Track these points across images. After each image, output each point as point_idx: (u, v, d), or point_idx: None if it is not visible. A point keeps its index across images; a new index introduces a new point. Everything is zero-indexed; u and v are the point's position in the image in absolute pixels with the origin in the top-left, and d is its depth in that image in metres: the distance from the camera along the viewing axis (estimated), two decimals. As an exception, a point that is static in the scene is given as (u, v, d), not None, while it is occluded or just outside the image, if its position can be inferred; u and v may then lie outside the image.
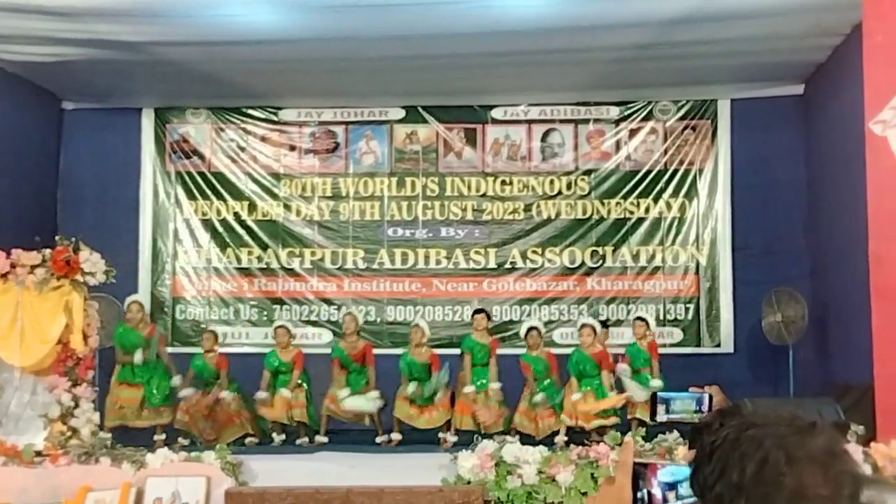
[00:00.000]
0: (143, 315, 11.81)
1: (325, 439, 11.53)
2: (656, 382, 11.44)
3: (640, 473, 2.05)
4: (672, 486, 2.09)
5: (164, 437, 11.28)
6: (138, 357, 11.33)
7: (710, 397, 4.78)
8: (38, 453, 8.67)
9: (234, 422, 11.84)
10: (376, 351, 12.22)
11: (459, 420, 11.56)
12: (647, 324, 12.20)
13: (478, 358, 11.80)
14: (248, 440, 11.72)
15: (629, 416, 11.36)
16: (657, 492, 2.07)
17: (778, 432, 1.71)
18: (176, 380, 11.68)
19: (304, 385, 11.91)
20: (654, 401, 4.97)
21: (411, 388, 11.54)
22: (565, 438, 10.89)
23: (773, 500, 1.65)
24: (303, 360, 12.01)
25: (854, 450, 7.87)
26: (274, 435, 11.72)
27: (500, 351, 12.00)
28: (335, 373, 11.88)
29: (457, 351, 12.18)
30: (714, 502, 1.73)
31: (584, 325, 11.93)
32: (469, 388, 11.48)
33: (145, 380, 11.49)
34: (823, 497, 1.65)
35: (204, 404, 11.71)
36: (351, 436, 11.70)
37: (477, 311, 12.40)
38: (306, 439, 11.63)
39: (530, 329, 12.04)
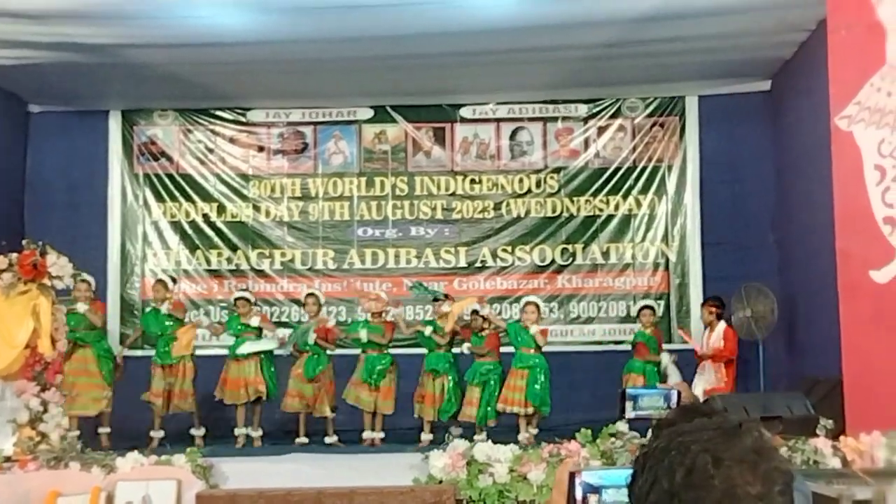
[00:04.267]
0: (91, 294, 11.91)
1: (306, 440, 11.68)
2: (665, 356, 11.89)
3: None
4: (596, 489, 2.10)
5: (161, 434, 11.38)
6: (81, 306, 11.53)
7: (679, 393, 4.82)
8: (7, 459, 8.60)
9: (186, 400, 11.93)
10: (347, 351, 12.32)
11: (419, 409, 11.83)
12: (654, 311, 12.59)
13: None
14: (194, 431, 11.79)
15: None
16: (578, 493, 2.09)
17: (704, 437, 1.71)
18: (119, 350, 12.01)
19: (267, 360, 12.01)
20: (622, 398, 5.00)
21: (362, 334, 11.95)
22: (535, 431, 11.00)
23: (705, 502, 1.65)
24: (271, 322, 12.23)
25: (823, 444, 7.91)
26: (239, 431, 11.81)
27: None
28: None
29: (426, 351, 12.24)
30: None
31: (528, 303, 12.12)
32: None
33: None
34: (754, 495, 1.65)
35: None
36: (321, 437, 11.78)
37: (436, 299, 12.48)
38: (260, 432, 11.69)
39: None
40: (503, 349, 12.13)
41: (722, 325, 11.61)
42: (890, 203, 8.29)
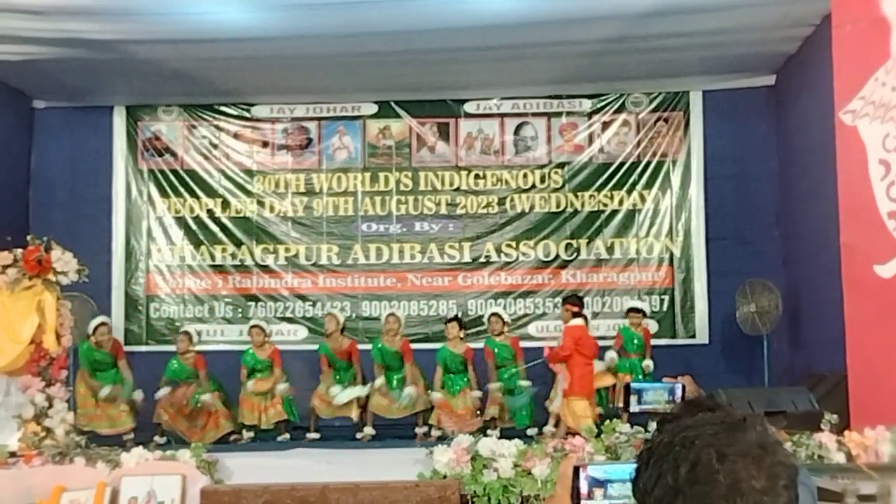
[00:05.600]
0: (111, 337, 11.94)
1: (317, 435, 11.70)
2: (648, 362, 11.74)
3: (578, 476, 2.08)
4: (601, 482, 2.09)
5: (132, 436, 11.30)
6: (105, 392, 11.49)
7: (683, 387, 4.80)
8: (12, 454, 8.61)
9: (216, 423, 11.89)
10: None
11: (436, 417, 11.79)
12: (644, 313, 12.58)
13: (453, 366, 11.93)
14: (233, 437, 11.77)
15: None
16: (583, 487, 2.08)
17: (708, 431, 1.70)
18: (138, 393, 11.81)
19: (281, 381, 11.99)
20: (626, 391, 4.99)
21: (379, 381, 11.80)
22: (553, 429, 11.06)
23: (710, 497, 1.64)
24: (280, 358, 12.12)
25: (828, 438, 7.91)
26: (244, 431, 11.82)
27: (476, 345, 12.18)
28: (323, 370, 12.08)
29: (431, 346, 12.31)
30: None
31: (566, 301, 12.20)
32: (436, 395, 11.70)
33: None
34: (759, 490, 1.64)
35: (182, 400, 11.79)
36: (325, 432, 11.79)
37: (449, 320, 12.40)
38: (287, 436, 11.68)
39: (492, 315, 12.38)
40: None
41: (570, 324, 11.34)
42: (894, 198, 8.29)
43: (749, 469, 1.65)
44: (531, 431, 11.28)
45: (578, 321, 11.13)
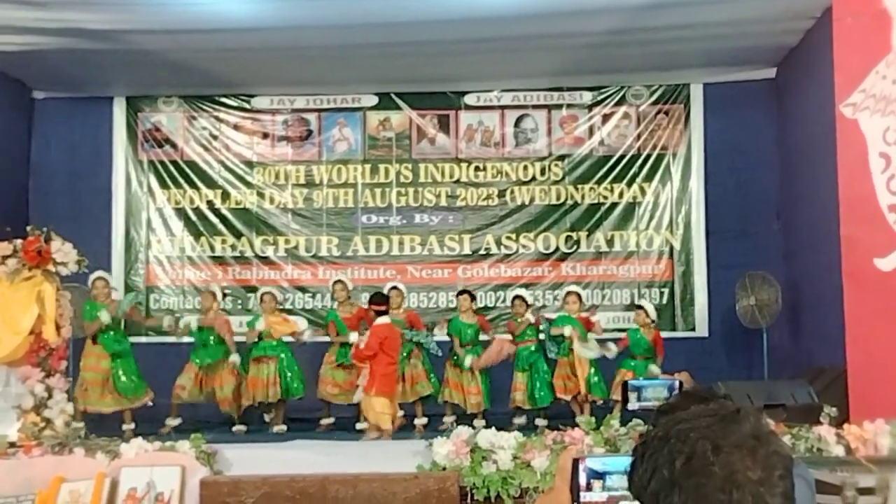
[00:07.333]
0: (109, 290, 11.81)
1: (332, 419, 11.98)
2: (654, 367, 11.66)
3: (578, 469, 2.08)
4: (600, 474, 2.10)
5: (133, 426, 11.26)
6: (105, 316, 11.41)
7: (681, 384, 4.81)
8: (12, 444, 8.61)
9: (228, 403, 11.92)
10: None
11: (449, 394, 12.03)
12: (647, 312, 12.25)
13: (467, 338, 12.02)
14: (235, 428, 11.76)
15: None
16: (582, 478, 2.09)
17: (702, 424, 1.70)
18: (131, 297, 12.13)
19: (288, 359, 12.08)
20: (625, 389, 5.00)
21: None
22: (523, 421, 11.12)
23: (706, 489, 1.64)
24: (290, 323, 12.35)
25: (827, 431, 7.91)
26: (240, 426, 11.85)
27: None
28: (332, 337, 12.26)
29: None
30: (650, 500, 1.72)
31: (569, 293, 12.26)
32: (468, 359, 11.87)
33: (112, 358, 11.55)
34: (755, 480, 1.64)
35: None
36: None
37: (460, 293, 12.47)
38: (284, 427, 11.66)
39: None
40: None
41: (376, 322, 11.04)
42: (895, 191, 8.29)
43: (744, 460, 1.65)
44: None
45: (384, 319, 11.06)
